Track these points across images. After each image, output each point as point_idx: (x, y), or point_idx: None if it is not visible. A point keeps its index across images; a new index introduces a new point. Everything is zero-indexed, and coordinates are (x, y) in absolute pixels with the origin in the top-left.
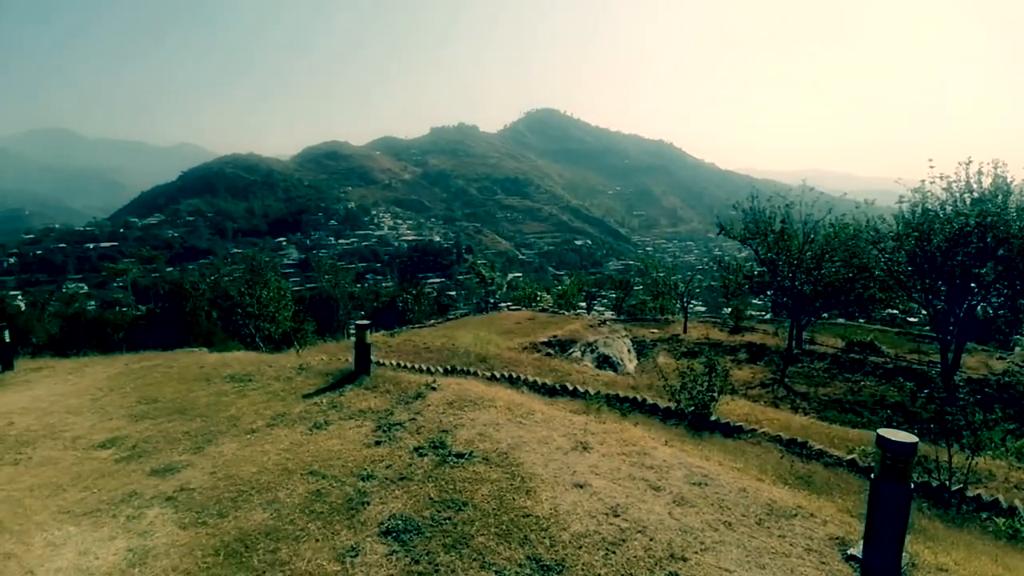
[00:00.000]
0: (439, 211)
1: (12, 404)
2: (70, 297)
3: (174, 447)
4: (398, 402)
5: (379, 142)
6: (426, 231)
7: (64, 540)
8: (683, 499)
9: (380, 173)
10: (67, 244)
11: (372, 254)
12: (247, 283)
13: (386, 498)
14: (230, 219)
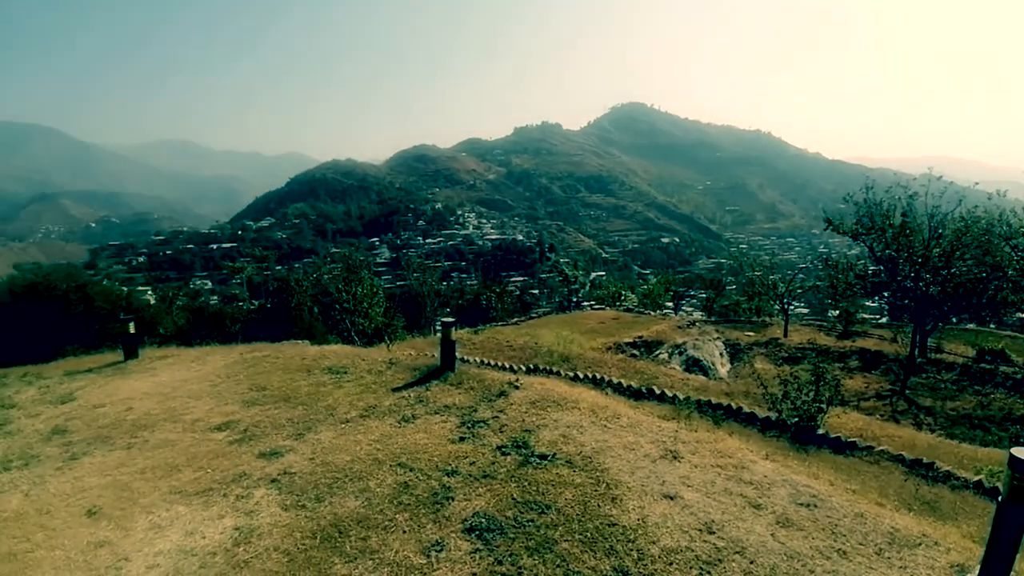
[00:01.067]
0: (522, 210)
1: (134, 390)
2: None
3: (279, 432)
4: (482, 399)
5: (464, 144)
6: (509, 230)
7: (171, 521)
8: (788, 520)
9: (465, 174)
10: (194, 245)
11: (457, 253)
12: (344, 280)
13: (470, 495)
14: (330, 221)
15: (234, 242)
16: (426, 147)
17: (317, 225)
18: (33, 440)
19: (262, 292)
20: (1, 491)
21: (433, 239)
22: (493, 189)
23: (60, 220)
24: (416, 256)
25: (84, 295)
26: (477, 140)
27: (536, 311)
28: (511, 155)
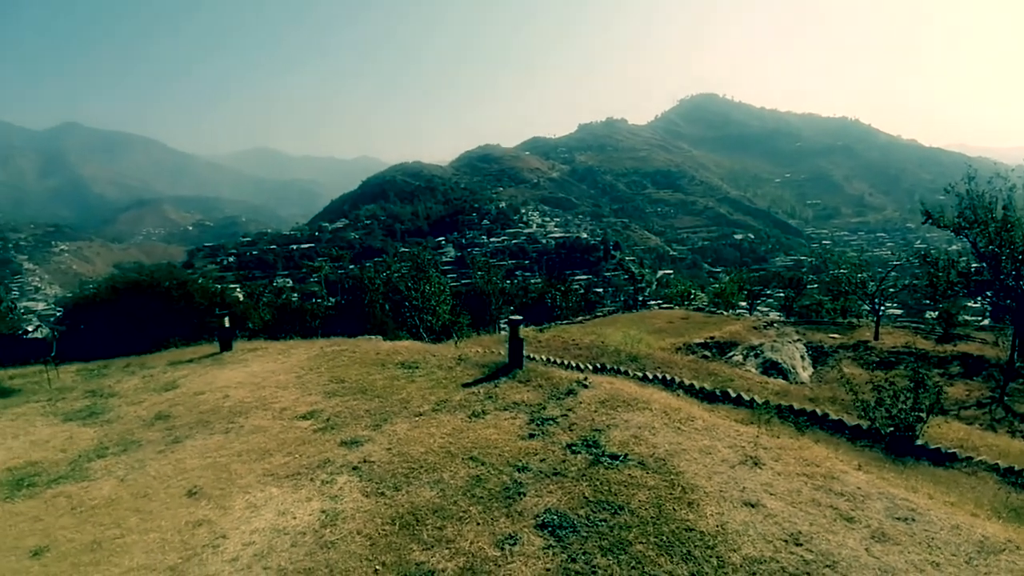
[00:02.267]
0: (586, 208)
1: (230, 380)
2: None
3: (358, 422)
4: (550, 397)
5: (528, 143)
6: (573, 228)
7: (266, 501)
8: (884, 535)
9: (528, 173)
10: (276, 246)
11: (521, 251)
12: (412, 279)
13: (541, 492)
14: (398, 221)
15: (312, 243)
16: (490, 147)
17: (387, 225)
18: (134, 426)
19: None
20: (93, 478)
21: (497, 238)
22: (557, 187)
23: (161, 223)
24: (480, 255)
25: (185, 291)
26: (541, 138)
27: (600, 310)
28: (575, 152)
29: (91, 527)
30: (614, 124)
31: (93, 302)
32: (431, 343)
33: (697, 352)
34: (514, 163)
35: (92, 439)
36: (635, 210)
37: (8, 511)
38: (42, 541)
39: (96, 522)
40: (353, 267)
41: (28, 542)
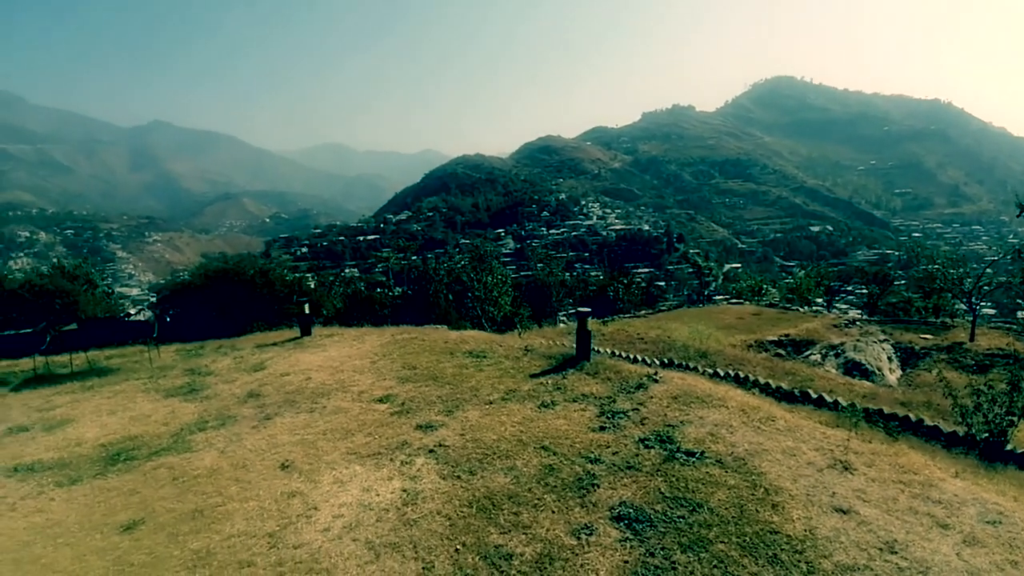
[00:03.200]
0: (649, 199)
1: (311, 363)
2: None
3: (431, 408)
4: (619, 390)
5: (589, 133)
6: (634, 220)
7: (351, 477)
8: (974, 539)
9: (589, 163)
10: (345, 237)
11: (580, 243)
12: (473, 269)
13: (615, 484)
14: (459, 213)
15: (377, 234)
16: (551, 138)
17: (448, 217)
18: (230, 403)
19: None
20: (195, 450)
21: (556, 230)
22: (618, 178)
23: (241, 216)
24: (540, 247)
25: (267, 280)
26: (602, 128)
27: (662, 304)
28: (638, 142)
29: (193, 496)
30: (680, 112)
31: (188, 288)
32: (494, 333)
33: (770, 350)
34: (575, 154)
35: (193, 414)
36: (701, 201)
37: (99, 487)
38: (136, 514)
39: (198, 491)
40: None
41: (120, 517)
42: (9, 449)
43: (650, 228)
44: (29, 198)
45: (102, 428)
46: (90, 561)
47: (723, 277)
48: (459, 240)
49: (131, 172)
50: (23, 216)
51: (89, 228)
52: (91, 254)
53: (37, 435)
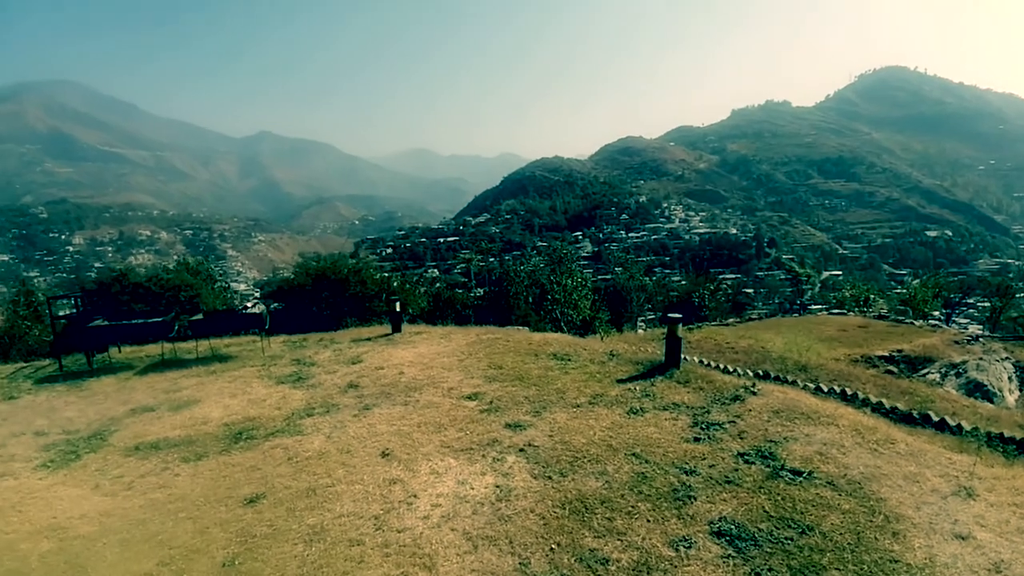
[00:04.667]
0: (736, 201)
1: (402, 358)
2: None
3: (519, 408)
4: (713, 401)
5: (673, 133)
6: (720, 223)
7: (446, 470)
8: None
9: (672, 165)
10: (426, 239)
11: (661, 247)
12: (552, 272)
13: (713, 498)
14: (537, 216)
15: (456, 236)
16: (632, 139)
17: (525, 220)
18: (332, 392)
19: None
20: (305, 433)
21: (636, 233)
22: (703, 179)
23: (334, 218)
24: (618, 251)
25: (360, 279)
26: (687, 127)
27: (750, 312)
28: (726, 141)
29: (306, 476)
30: (774, 108)
31: (293, 286)
32: (576, 337)
33: (879, 366)
34: (657, 155)
35: (301, 400)
36: (796, 203)
37: (224, 463)
38: (259, 489)
39: (310, 471)
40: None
41: (244, 491)
42: (131, 429)
43: (738, 232)
44: (149, 200)
45: (225, 409)
46: (213, 534)
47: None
48: (536, 242)
49: (241, 179)
50: (143, 216)
51: (205, 229)
52: (206, 252)
53: (163, 415)
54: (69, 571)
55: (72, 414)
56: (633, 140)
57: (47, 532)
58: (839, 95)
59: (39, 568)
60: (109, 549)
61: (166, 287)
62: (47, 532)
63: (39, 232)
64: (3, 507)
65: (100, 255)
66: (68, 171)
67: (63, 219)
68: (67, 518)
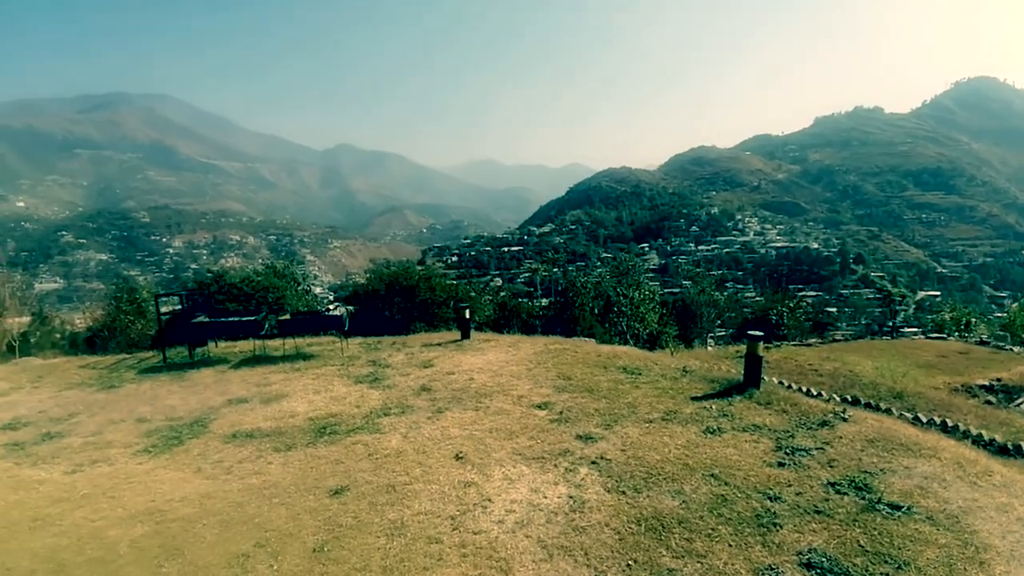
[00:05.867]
0: (819, 213)
1: (472, 365)
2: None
3: (589, 420)
4: (799, 425)
5: (749, 142)
6: (800, 236)
7: (518, 476)
8: None
9: (748, 175)
10: (491, 247)
11: (733, 261)
12: (618, 284)
13: (802, 528)
14: (602, 227)
15: (520, 245)
16: (704, 148)
17: (590, 231)
18: (407, 394)
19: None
20: (383, 431)
21: (706, 246)
22: (782, 190)
23: (403, 226)
24: (686, 263)
25: (429, 286)
26: (764, 136)
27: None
28: (808, 150)
29: (386, 472)
30: (864, 114)
31: (366, 290)
32: (645, 351)
33: (979, 395)
34: (730, 164)
35: (378, 400)
36: (887, 216)
37: (311, 454)
38: (343, 481)
39: (389, 468)
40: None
41: (329, 482)
42: (229, 418)
43: (819, 246)
44: (240, 208)
45: (310, 404)
46: (303, 520)
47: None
48: (600, 254)
49: (321, 188)
50: (234, 223)
51: (287, 235)
52: (287, 256)
53: (256, 407)
54: (163, 554)
55: (175, 402)
56: (705, 150)
57: (143, 516)
58: (936, 102)
59: (128, 554)
60: (208, 530)
61: (256, 288)
62: (143, 516)
63: (141, 235)
64: (93, 494)
65: (196, 257)
66: (170, 180)
67: (164, 224)
68: (166, 501)
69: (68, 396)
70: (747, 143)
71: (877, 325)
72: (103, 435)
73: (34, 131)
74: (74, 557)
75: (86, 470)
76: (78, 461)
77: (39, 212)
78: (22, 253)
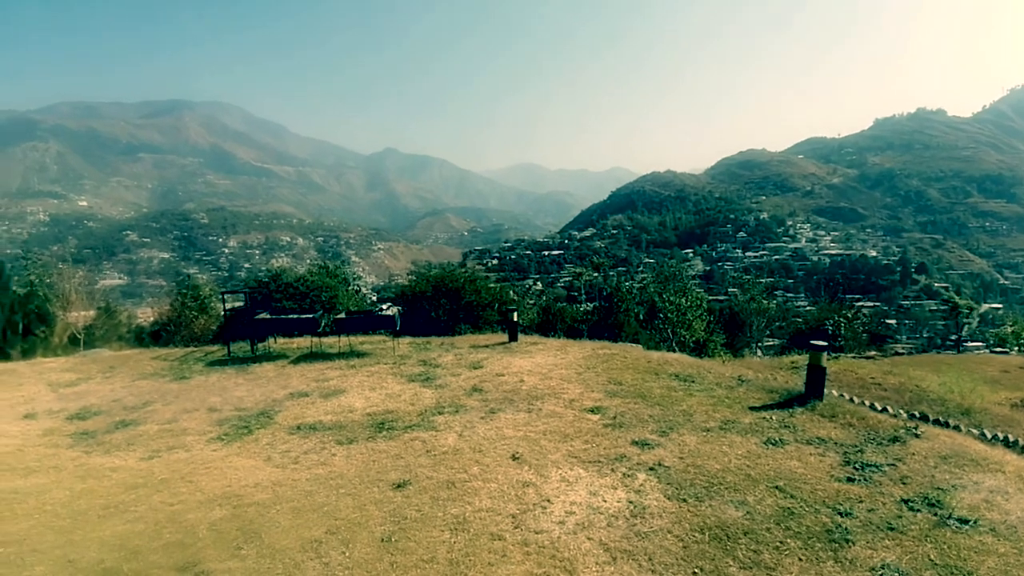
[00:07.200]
0: (878, 219)
1: (521, 367)
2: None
3: (644, 426)
4: (868, 440)
5: (802, 145)
6: (857, 243)
7: (576, 479)
8: None
9: (800, 179)
10: (531, 251)
11: (783, 269)
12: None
13: (874, 544)
14: (644, 231)
15: (561, 250)
16: (753, 152)
17: (632, 235)
18: (459, 393)
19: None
20: (439, 429)
21: (754, 252)
22: (837, 195)
23: (445, 229)
24: (732, 270)
25: (475, 288)
26: (819, 139)
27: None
28: (866, 153)
29: (444, 468)
30: (925, 117)
31: (413, 291)
32: (694, 358)
33: None
34: (782, 168)
35: (431, 398)
36: (952, 224)
37: (372, 448)
38: (404, 476)
39: (447, 465)
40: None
41: (391, 476)
42: (291, 411)
43: (878, 254)
44: (290, 210)
45: (366, 400)
46: (370, 511)
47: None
48: (643, 259)
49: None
50: (285, 224)
51: (334, 236)
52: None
53: (316, 400)
54: (241, 537)
55: (242, 394)
56: (755, 153)
57: (220, 501)
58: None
59: (207, 536)
60: (282, 516)
61: (310, 288)
62: (220, 501)
63: (199, 235)
64: (172, 478)
65: (249, 257)
66: (227, 183)
67: (221, 225)
68: (241, 487)
69: (142, 386)
70: (800, 146)
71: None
72: (178, 423)
73: (95, 133)
74: (149, 543)
75: (163, 456)
76: (155, 447)
77: (103, 212)
78: (85, 250)
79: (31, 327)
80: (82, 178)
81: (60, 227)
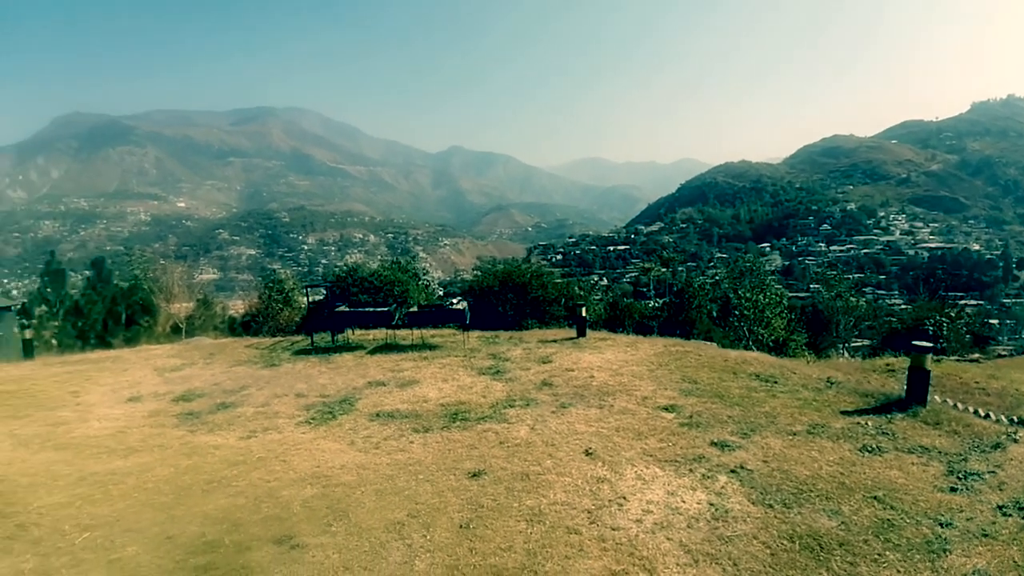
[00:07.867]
0: (980, 210)
1: (591, 362)
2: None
3: (723, 427)
4: (972, 448)
5: (895, 129)
6: (959, 236)
7: (652, 478)
8: None
9: (893, 166)
10: (596, 246)
11: (873, 263)
12: (738, 285)
13: (968, 551)
14: (716, 225)
15: (626, 244)
16: (839, 138)
17: (703, 229)
18: (529, 387)
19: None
20: (511, 421)
21: (840, 246)
22: (937, 183)
23: (509, 225)
24: (815, 265)
25: (541, 283)
26: (914, 122)
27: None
28: (966, 138)
29: (518, 460)
30: (1016, 103)
31: (481, 286)
32: (776, 358)
33: None
34: (871, 155)
35: (502, 391)
36: None
37: (447, 438)
38: (479, 465)
39: (521, 457)
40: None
41: (466, 465)
42: (370, 399)
43: (981, 248)
44: (362, 208)
45: (439, 391)
46: (448, 497)
47: None
48: (714, 254)
49: (433, 189)
50: (358, 222)
51: (403, 233)
52: (402, 253)
53: (392, 390)
54: (331, 515)
55: (325, 381)
56: (841, 139)
57: (311, 480)
58: None
59: (300, 512)
60: (367, 497)
61: (384, 282)
62: (311, 480)
63: (281, 233)
64: (268, 457)
65: (325, 253)
66: (306, 183)
67: (300, 223)
68: (329, 468)
69: (238, 371)
70: (893, 130)
71: None
72: (271, 406)
73: (190, 140)
74: (250, 516)
75: (259, 436)
76: (251, 428)
77: (199, 212)
78: (183, 248)
79: (135, 317)
80: (179, 181)
81: (161, 226)
